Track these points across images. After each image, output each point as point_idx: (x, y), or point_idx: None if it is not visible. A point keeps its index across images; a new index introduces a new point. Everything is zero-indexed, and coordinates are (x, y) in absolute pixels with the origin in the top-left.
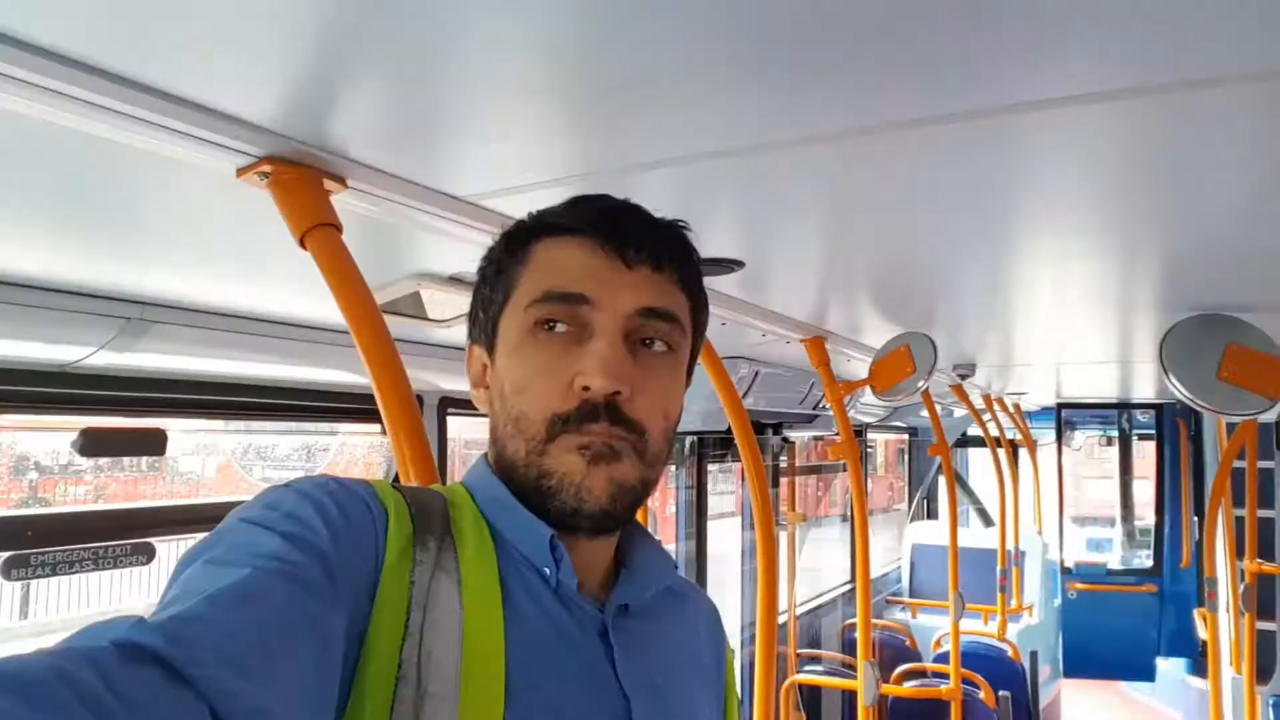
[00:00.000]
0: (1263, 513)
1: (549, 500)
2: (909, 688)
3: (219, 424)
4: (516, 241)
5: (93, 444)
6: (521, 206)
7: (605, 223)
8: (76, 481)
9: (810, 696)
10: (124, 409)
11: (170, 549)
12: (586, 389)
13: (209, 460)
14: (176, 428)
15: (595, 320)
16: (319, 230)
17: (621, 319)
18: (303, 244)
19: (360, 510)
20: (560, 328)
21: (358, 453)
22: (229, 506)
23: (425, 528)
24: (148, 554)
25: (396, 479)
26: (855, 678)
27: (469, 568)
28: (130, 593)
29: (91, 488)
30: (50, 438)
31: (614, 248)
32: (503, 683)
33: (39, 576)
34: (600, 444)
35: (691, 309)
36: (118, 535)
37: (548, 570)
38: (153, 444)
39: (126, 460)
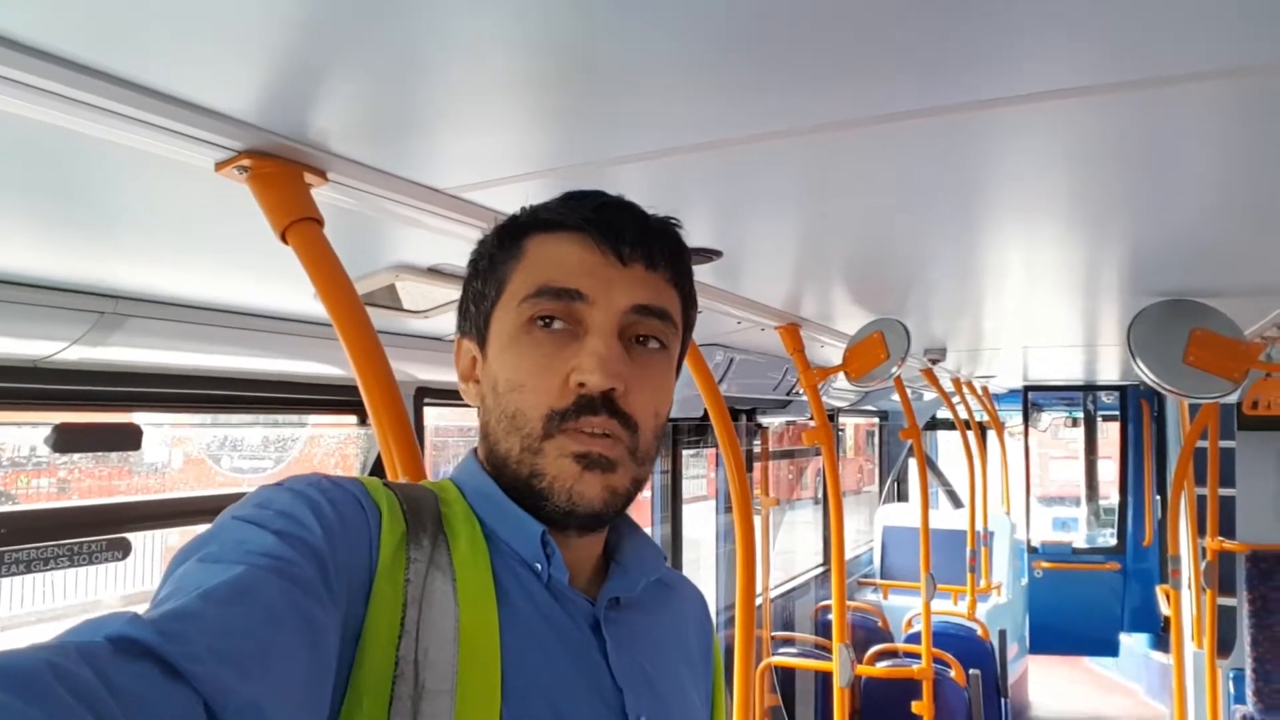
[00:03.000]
0: (1224, 492)
1: (540, 500)
2: (882, 668)
3: (194, 418)
4: (510, 236)
5: (66, 439)
6: (500, 199)
7: (600, 219)
8: (37, 474)
9: (784, 678)
10: (98, 404)
11: (146, 543)
12: (582, 386)
13: (176, 451)
14: (150, 422)
15: (590, 317)
16: (300, 224)
17: (616, 316)
18: (284, 238)
19: (353, 508)
20: (555, 324)
21: (331, 444)
22: (204, 500)
23: (418, 525)
24: (123, 549)
25: (375, 471)
26: (829, 659)
27: (463, 565)
28: (103, 586)
29: (55, 480)
30: (14, 431)
31: (609, 245)
32: (499, 678)
33: (13, 574)
34: (597, 453)
35: (683, 306)
36: (93, 531)
37: (539, 566)
38: (127, 439)
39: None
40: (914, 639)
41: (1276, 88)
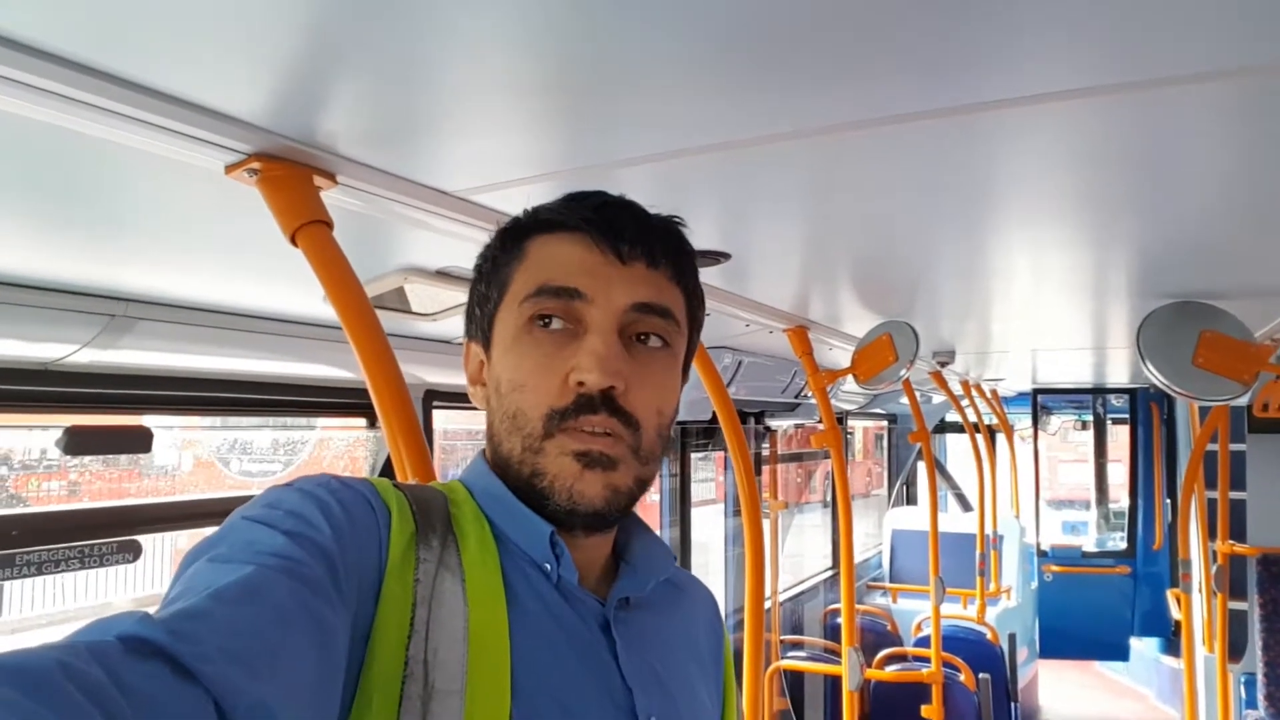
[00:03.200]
0: (1234, 495)
1: (543, 500)
2: (891, 672)
3: (202, 421)
4: (511, 238)
5: (77, 442)
6: (509, 201)
7: (599, 219)
8: (47, 477)
9: (793, 682)
10: (109, 407)
11: (155, 546)
12: (582, 384)
13: (185, 454)
14: (159, 424)
15: (590, 316)
16: (310, 227)
17: (616, 314)
18: (293, 241)
19: (363, 509)
20: (555, 324)
21: (340, 447)
22: (215, 503)
23: (428, 526)
24: (134, 551)
25: (384, 474)
26: (838, 663)
27: (472, 565)
28: (113, 589)
29: (65, 483)
30: (24, 434)
31: (608, 244)
32: (508, 678)
33: (24, 576)
34: (597, 451)
35: (687, 305)
36: (103, 533)
37: (548, 566)
38: (138, 441)
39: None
40: (923, 643)
41: None
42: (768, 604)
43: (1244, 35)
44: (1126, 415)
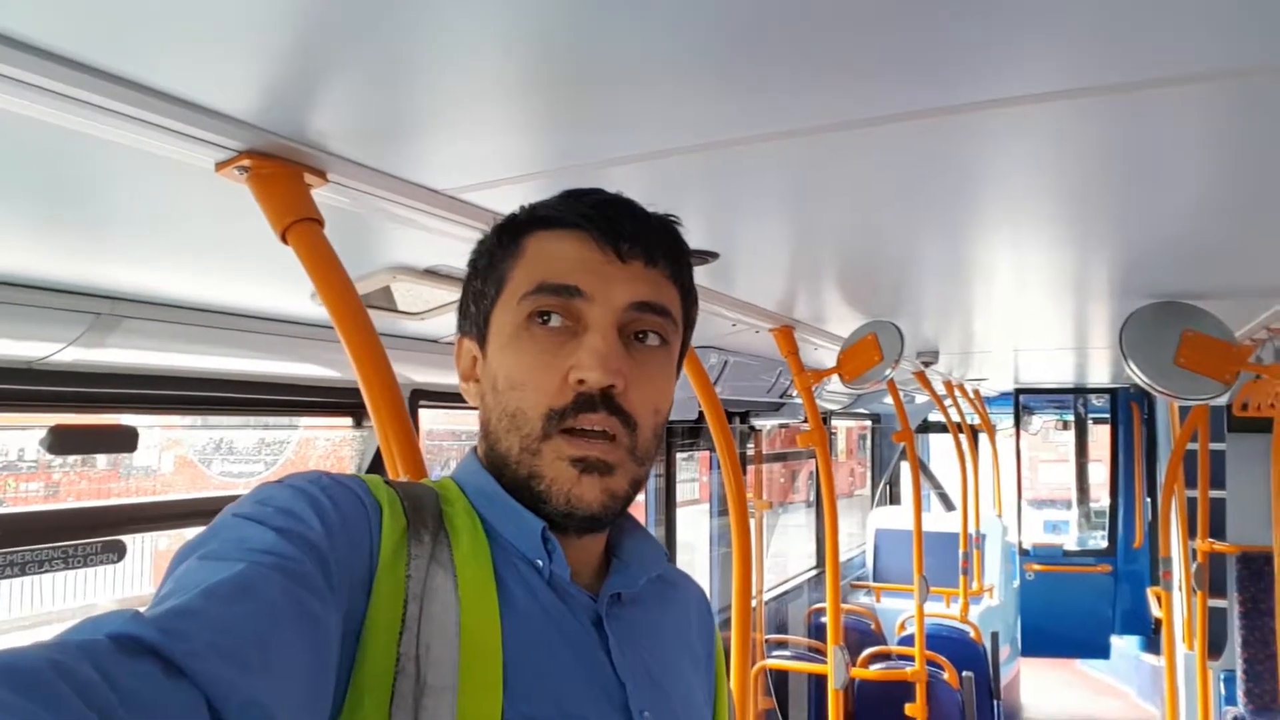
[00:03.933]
0: (1214, 494)
1: (539, 503)
2: (875, 670)
3: (184, 420)
4: (509, 234)
5: (61, 441)
6: (498, 200)
7: (599, 216)
8: (29, 478)
9: (778, 681)
10: (94, 406)
11: (136, 547)
12: (582, 382)
13: (166, 455)
14: (143, 424)
15: (589, 313)
16: (301, 225)
17: (615, 312)
18: (284, 239)
19: (354, 505)
20: (554, 321)
21: (324, 447)
22: (202, 502)
23: (419, 522)
24: (118, 552)
25: (373, 472)
26: (823, 662)
27: (464, 561)
28: (94, 591)
29: (44, 484)
30: (4, 434)
31: (608, 241)
32: (500, 674)
33: (7, 577)
34: (594, 458)
35: (683, 303)
36: (88, 533)
37: (541, 562)
38: (123, 441)
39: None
40: (907, 641)
41: (1264, 90)
42: (753, 603)
43: (1230, 38)
44: (1107, 415)
